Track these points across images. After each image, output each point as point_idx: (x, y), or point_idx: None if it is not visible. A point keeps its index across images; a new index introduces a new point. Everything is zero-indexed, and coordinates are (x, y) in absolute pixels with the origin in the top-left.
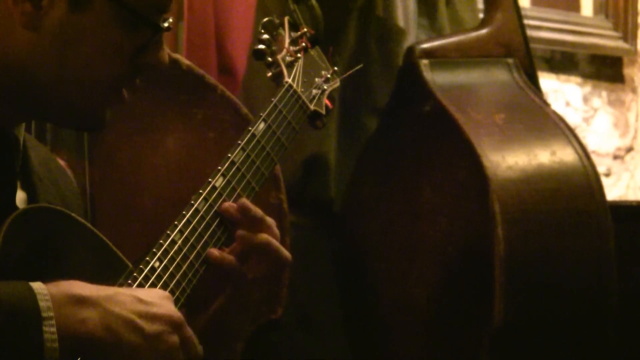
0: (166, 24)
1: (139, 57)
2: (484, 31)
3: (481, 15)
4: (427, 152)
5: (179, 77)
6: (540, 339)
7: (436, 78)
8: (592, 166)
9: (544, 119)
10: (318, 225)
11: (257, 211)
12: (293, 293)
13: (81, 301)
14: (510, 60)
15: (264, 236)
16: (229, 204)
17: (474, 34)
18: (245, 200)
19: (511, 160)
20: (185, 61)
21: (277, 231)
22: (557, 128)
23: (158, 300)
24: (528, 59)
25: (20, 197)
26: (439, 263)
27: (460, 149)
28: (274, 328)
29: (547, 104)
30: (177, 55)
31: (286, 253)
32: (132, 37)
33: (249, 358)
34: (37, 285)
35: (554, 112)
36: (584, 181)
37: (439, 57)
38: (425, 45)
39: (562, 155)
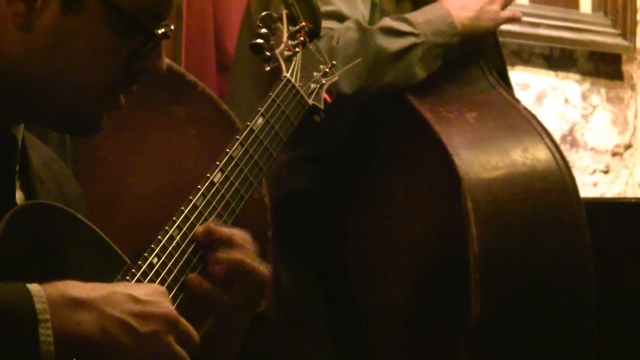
0: (162, 31)
1: (134, 62)
2: None
3: None
4: (400, 153)
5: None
6: (517, 336)
7: None
8: (565, 162)
9: (515, 116)
10: (302, 225)
11: (223, 232)
12: (280, 293)
13: (77, 303)
14: (480, 57)
15: (237, 256)
16: (198, 228)
17: None
18: (209, 224)
19: (483, 158)
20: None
21: (251, 247)
22: (528, 125)
23: (153, 297)
24: (498, 56)
25: (20, 197)
26: (416, 263)
27: (432, 149)
28: (259, 322)
29: (518, 101)
30: None
31: (263, 271)
32: (125, 42)
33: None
34: (33, 287)
35: (525, 109)
36: (557, 177)
37: None
38: None
39: (535, 151)
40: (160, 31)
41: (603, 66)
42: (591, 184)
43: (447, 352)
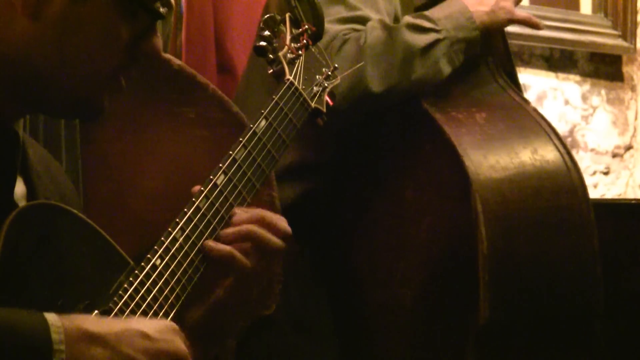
0: (164, 10)
1: (136, 45)
2: None
3: None
4: (409, 153)
5: (170, 76)
6: (525, 337)
7: None
8: (574, 163)
9: (524, 117)
10: (307, 227)
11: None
12: (286, 295)
13: (92, 338)
14: (489, 59)
15: (249, 227)
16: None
17: None
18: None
19: (493, 159)
20: (177, 61)
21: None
22: (538, 126)
23: (164, 335)
24: (507, 57)
25: (20, 192)
26: (423, 263)
27: (441, 150)
28: (266, 326)
29: (527, 102)
30: (168, 56)
31: (276, 240)
32: (130, 24)
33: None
34: (51, 317)
35: (535, 110)
36: (566, 178)
37: None
38: None
39: (544, 152)
40: (163, 10)
41: (603, 67)
42: (591, 185)
43: (454, 353)
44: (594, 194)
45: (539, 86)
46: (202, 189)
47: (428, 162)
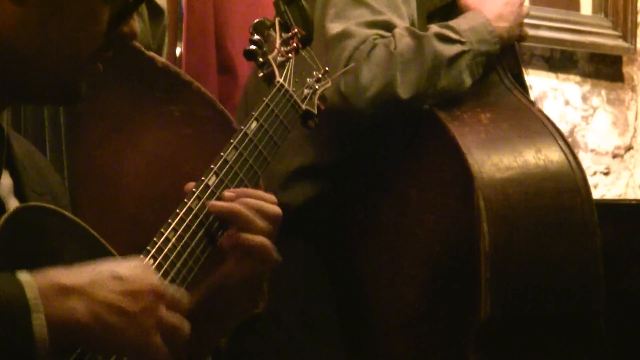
0: None
1: (114, 27)
2: None
3: None
4: (413, 151)
5: (155, 75)
6: (526, 335)
7: None
8: (578, 164)
9: (529, 118)
10: (315, 226)
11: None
12: (293, 295)
13: (67, 290)
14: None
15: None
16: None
17: None
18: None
19: (496, 158)
20: (160, 59)
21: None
22: (542, 126)
23: (137, 272)
24: (514, 59)
25: (7, 185)
26: (426, 261)
27: (445, 148)
28: (254, 322)
29: (532, 103)
30: (151, 54)
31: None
32: (108, 6)
33: (246, 359)
34: (23, 276)
35: (540, 111)
36: (569, 179)
37: None
38: None
39: (548, 153)
40: None
41: (603, 68)
42: (592, 186)
43: (456, 350)
44: (594, 194)
45: (539, 87)
46: (194, 190)
47: (431, 161)
